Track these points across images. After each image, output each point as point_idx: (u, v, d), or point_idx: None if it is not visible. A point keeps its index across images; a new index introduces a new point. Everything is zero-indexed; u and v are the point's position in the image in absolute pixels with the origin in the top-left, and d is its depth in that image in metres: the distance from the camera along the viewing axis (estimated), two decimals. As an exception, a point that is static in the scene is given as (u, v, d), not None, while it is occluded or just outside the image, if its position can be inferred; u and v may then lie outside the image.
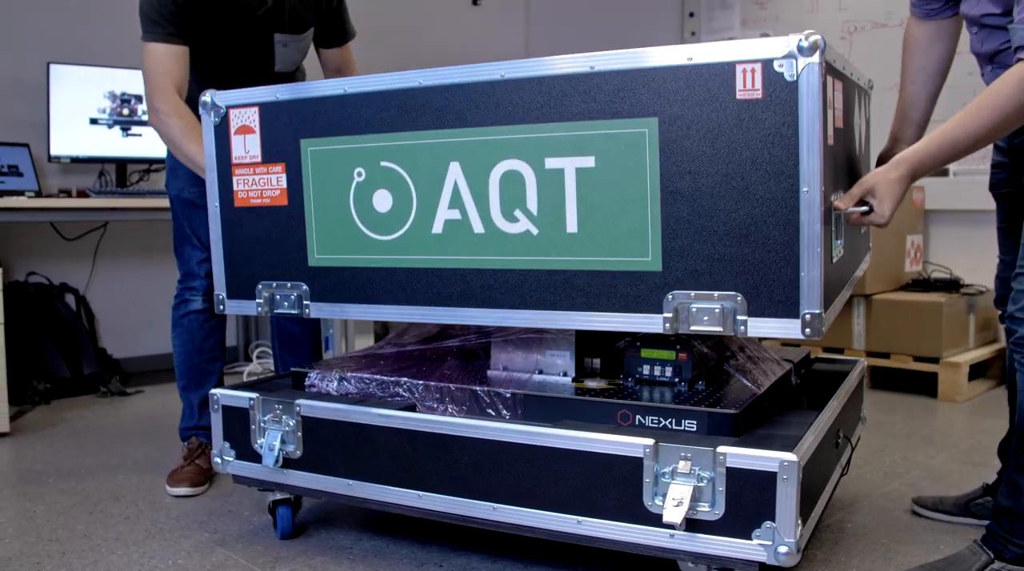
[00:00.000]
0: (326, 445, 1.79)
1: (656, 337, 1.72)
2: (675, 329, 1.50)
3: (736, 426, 1.52)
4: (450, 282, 1.68)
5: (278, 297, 1.87)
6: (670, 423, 1.57)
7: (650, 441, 1.47)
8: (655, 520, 1.47)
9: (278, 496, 1.94)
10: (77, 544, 1.95)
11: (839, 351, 3.50)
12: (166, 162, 2.42)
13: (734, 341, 1.90)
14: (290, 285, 1.85)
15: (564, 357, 1.80)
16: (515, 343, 1.84)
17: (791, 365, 1.88)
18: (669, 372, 1.71)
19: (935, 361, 3.31)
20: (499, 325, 1.68)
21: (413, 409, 1.76)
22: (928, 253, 3.87)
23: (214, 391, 1.93)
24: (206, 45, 2.25)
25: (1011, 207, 1.88)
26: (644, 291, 1.52)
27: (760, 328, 1.44)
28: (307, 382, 1.97)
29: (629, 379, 1.74)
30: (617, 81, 1.49)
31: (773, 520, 1.39)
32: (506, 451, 1.59)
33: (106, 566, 1.83)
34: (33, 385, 3.34)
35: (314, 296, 1.83)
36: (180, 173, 2.35)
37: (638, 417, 1.60)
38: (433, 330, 2.12)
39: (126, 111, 3.65)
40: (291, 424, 1.83)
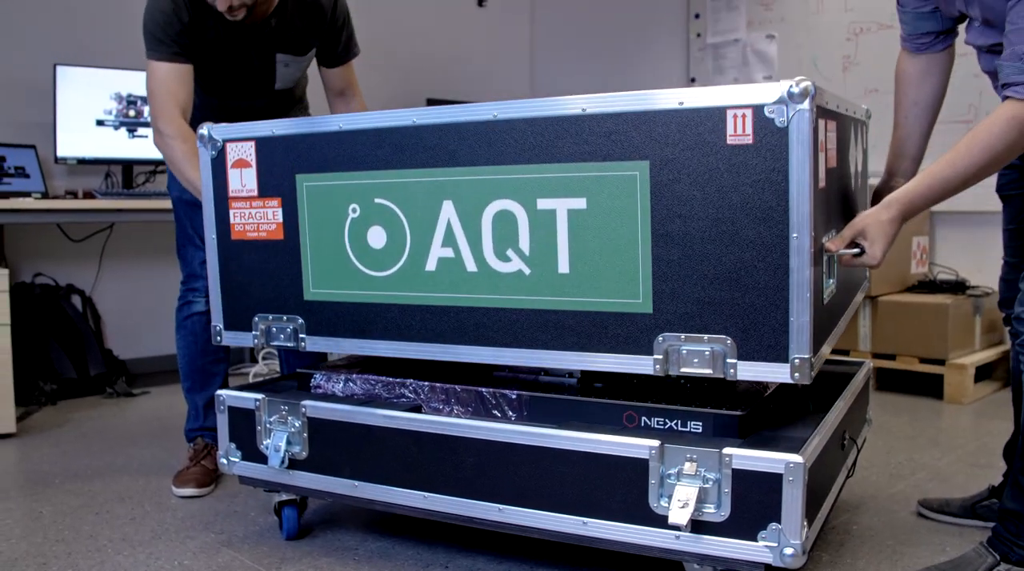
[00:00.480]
0: (332, 446, 1.80)
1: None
2: (665, 371, 1.50)
3: (742, 428, 1.52)
4: (443, 319, 1.68)
5: (274, 329, 1.88)
6: (676, 424, 1.57)
7: (656, 442, 1.47)
8: (661, 521, 1.47)
9: (284, 497, 1.95)
10: (83, 545, 1.96)
11: (845, 353, 3.49)
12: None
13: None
14: (286, 318, 1.86)
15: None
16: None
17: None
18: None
19: (941, 363, 3.30)
20: (492, 363, 1.69)
21: (418, 410, 1.76)
22: (934, 255, 3.86)
23: (220, 392, 1.94)
24: (208, 62, 2.26)
25: (1018, 209, 1.87)
26: (634, 332, 1.52)
27: (750, 371, 1.45)
28: (313, 383, 1.97)
29: (634, 380, 1.74)
30: (609, 124, 1.49)
31: (779, 522, 1.39)
32: (511, 452, 1.60)
33: (112, 567, 1.84)
34: (39, 386, 3.35)
35: (310, 329, 1.84)
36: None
37: (643, 418, 1.60)
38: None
39: (132, 112, 3.66)
40: (297, 425, 1.83)
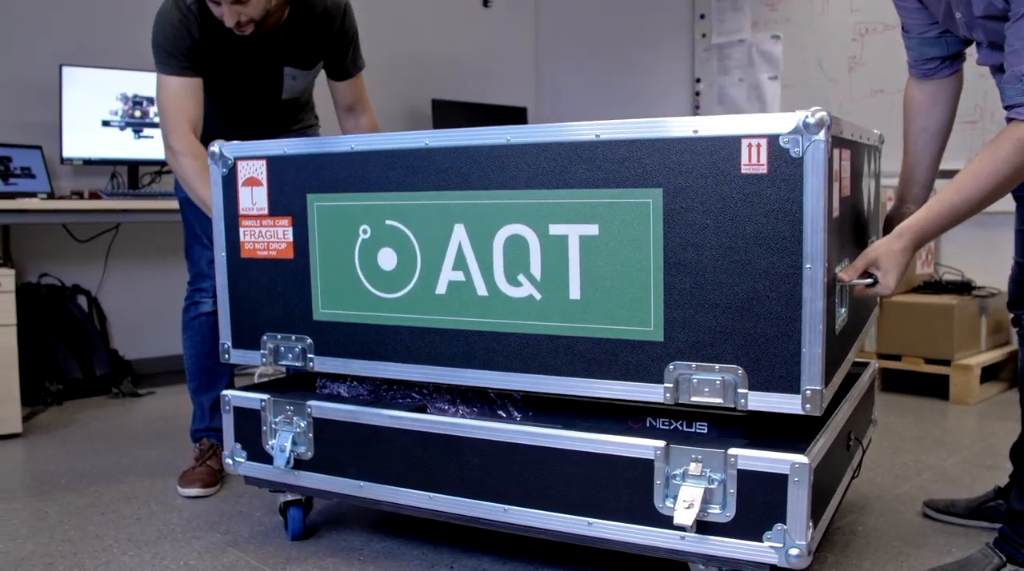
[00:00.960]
0: (337, 446, 1.80)
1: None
2: (675, 399, 1.49)
3: (747, 428, 1.52)
4: (452, 343, 1.67)
5: (282, 349, 1.87)
6: (681, 425, 1.57)
7: (661, 443, 1.47)
8: (666, 522, 1.47)
9: (289, 497, 1.95)
10: (89, 545, 1.96)
11: (850, 353, 3.49)
12: None
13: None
14: (295, 338, 1.85)
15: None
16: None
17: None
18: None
19: (947, 363, 3.30)
20: (500, 388, 1.68)
21: (424, 411, 1.77)
22: (940, 255, 3.85)
23: (226, 392, 1.94)
24: (217, 75, 2.27)
25: None
26: (645, 360, 1.51)
27: (760, 402, 1.43)
28: (318, 384, 1.98)
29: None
30: (622, 150, 1.48)
31: (784, 522, 1.39)
32: (517, 452, 1.60)
33: (118, 567, 1.84)
34: (45, 386, 3.35)
35: (318, 350, 1.83)
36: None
37: (649, 419, 1.60)
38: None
39: (138, 113, 3.67)
40: (302, 425, 1.83)
